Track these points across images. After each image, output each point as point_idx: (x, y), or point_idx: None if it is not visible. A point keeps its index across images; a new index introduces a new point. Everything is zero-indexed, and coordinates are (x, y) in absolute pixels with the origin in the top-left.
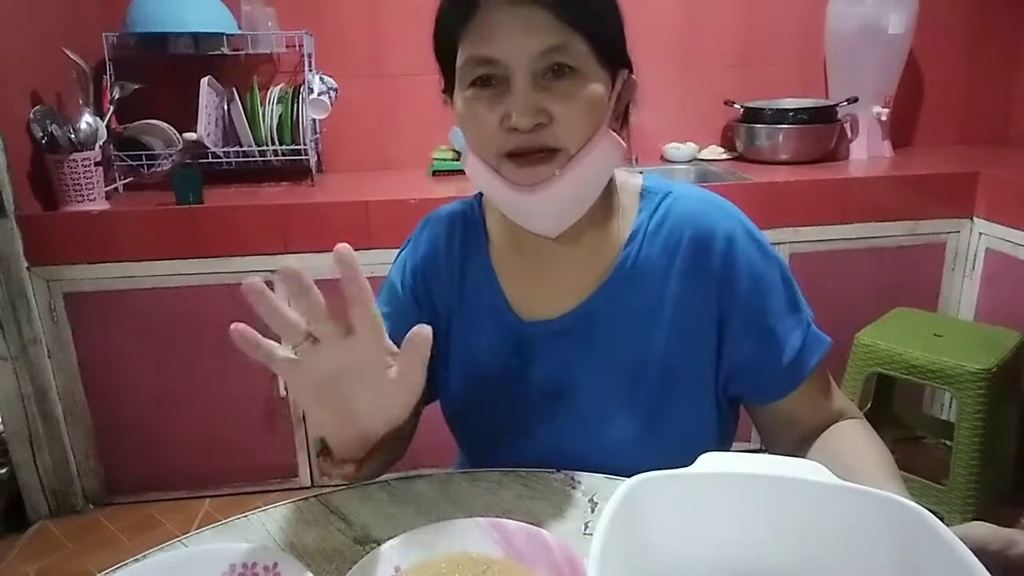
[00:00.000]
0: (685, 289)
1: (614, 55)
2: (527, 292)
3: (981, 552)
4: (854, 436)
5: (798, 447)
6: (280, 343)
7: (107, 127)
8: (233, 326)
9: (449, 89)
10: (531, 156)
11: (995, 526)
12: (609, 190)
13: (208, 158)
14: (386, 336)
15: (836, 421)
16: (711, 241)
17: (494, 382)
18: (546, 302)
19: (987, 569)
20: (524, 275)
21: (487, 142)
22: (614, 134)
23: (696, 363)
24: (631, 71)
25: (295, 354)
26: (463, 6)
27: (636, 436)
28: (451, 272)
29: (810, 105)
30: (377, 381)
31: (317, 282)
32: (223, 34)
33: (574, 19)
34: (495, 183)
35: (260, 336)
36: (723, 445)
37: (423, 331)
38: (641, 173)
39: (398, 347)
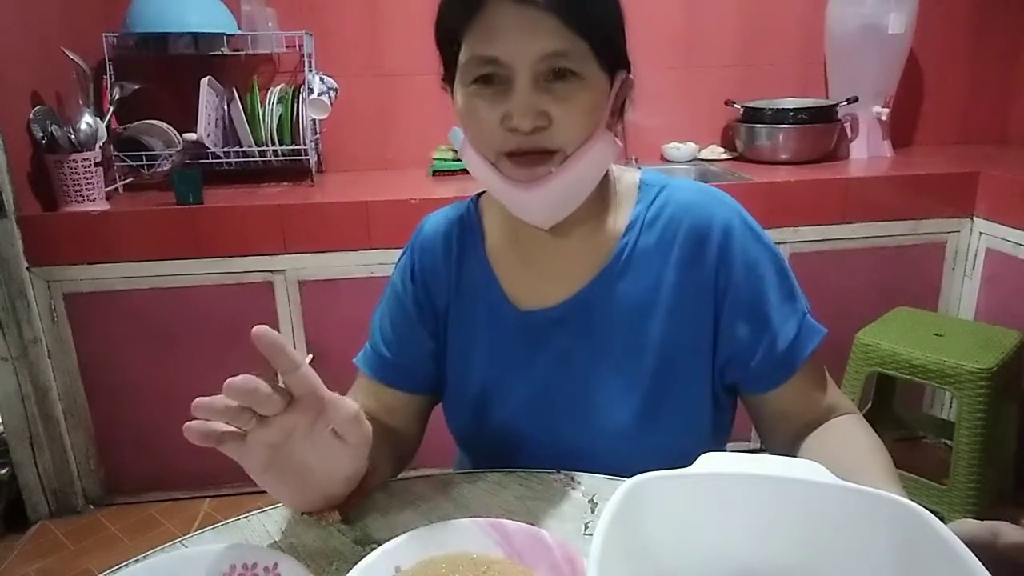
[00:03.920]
0: (682, 278)
1: (614, 57)
2: (524, 282)
3: (969, 548)
4: (849, 433)
5: (793, 444)
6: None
7: (107, 127)
8: (185, 426)
9: (449, 79)
10: (529, 156)
11: (978, 521)
12: (605, 184)
13: (208, 158)
14: (326, 394)
15: (831, 416)
16: (708, 231)
17: (491, 373)
18: (543, 291)
19: None
20: (521, 266)
21: (487, 140)
22: (610, 134)
23: (693, 351)
24: (629, 71)
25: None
26: (466, 2)
27: (633, 423)
28: (448, 271)
29: (810, 105)
30: (324, 442)
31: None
32: (223, 34)
33: (579, 23)
34: (493, 177)
35: (209, 425)
36: (718, 437)
37: (344, 403)
38: (639, 169)
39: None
